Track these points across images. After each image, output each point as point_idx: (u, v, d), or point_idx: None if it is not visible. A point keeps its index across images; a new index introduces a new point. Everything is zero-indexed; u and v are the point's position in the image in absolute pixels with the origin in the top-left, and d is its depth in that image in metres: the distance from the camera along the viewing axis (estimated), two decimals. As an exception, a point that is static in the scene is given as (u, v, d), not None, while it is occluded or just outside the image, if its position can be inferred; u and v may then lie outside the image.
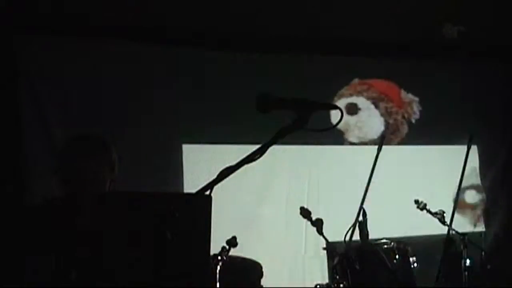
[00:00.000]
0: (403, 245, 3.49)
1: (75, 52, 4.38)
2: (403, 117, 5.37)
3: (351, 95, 5.23)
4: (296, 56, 5.01)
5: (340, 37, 5.05)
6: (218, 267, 3.20)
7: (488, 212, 5.39)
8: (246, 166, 1.86)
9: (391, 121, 5.33)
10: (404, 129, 5.36)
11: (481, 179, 5.45)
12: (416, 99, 5.38)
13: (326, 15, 4.63)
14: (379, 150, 4.00)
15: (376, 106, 5.31)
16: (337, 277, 3.40)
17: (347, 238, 3.53)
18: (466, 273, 3.85)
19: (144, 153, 4.40)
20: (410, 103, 5.39)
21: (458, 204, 4.33)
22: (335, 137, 5.03)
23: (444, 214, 3.94)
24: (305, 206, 3.77)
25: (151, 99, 4.56)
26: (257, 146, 1.85)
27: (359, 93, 5.26)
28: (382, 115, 5.33)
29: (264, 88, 1.92)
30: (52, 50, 4.34)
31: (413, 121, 5.39)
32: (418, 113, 5.39)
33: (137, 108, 4.49)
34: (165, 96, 4.60)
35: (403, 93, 5.39)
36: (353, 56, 5.20)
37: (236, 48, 4.88)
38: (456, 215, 4.06)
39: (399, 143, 5.33)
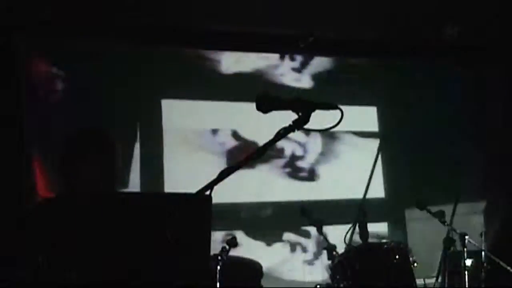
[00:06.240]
0: (403, 245, 3.49)
1: (75, 52, 4.39)
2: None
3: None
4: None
5: (339, 37, 5.06)
6: (218, 267, 3.20)
7: (489, 212, 5.38)
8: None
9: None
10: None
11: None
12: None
13: (324, 14, 4.63)
14: (379, 150, 4.01)
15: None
16: (337, 277, 3.40)
17: (347, 238, 3.53)
18: (466, 273, 3.85)
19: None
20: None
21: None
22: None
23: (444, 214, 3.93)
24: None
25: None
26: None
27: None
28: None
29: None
30: (52, 50, 4.34)
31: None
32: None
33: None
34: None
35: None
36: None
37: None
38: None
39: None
